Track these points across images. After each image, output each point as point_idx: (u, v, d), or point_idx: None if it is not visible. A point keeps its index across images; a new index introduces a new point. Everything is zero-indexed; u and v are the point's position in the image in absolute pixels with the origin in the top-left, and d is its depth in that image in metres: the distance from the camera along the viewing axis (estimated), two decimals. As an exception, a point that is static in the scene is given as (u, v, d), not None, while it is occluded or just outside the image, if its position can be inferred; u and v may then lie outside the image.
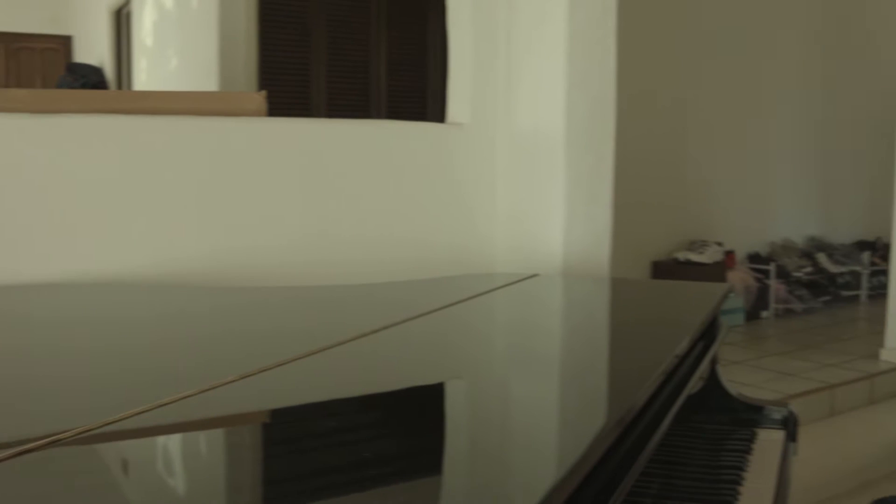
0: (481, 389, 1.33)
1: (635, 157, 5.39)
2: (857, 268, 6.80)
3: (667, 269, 5.64)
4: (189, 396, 1.12)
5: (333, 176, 2.50)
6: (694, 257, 5.57)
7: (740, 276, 5.84)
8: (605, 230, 2.65)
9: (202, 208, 2.29)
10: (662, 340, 1.53)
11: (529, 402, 1.24)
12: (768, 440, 1.85)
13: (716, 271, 5.60)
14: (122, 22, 7.82)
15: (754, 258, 6.33)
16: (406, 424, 1.14)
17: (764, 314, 6.06)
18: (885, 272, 5.19)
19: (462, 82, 2.74)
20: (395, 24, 4.72)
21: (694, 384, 1.70)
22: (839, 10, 6.99)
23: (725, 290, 1.93)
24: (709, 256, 5.60)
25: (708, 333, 1.83)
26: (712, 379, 1.92)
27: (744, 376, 4.36)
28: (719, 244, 5.81)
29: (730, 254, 5.92)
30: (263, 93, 2.44)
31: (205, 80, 5.07)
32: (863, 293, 6.83)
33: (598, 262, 2.62)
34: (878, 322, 5.02)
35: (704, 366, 1.71)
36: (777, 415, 1.93)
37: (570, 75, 2.54)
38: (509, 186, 2.70)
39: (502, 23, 2.73)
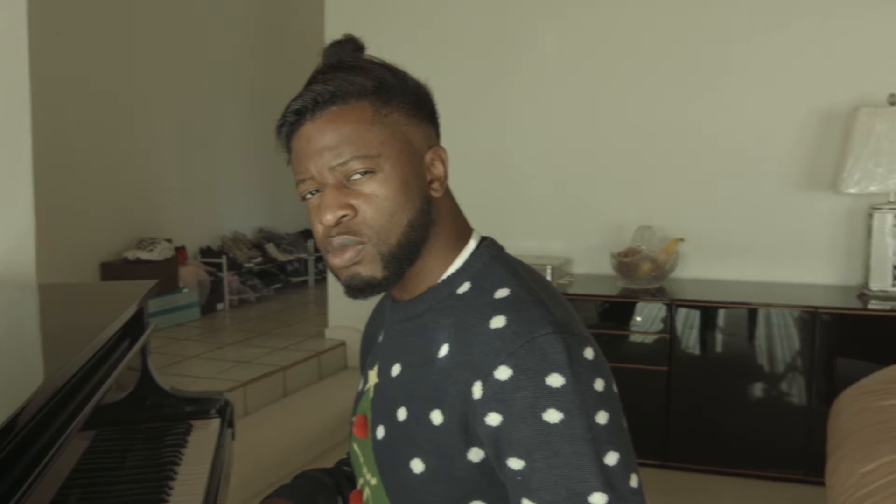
0: None
1: (73, 153, 5.15)
2: (304, 255, 7.23)
3: (116, 269, 5.45)
4: None
5: None
6: (143, 255, 5.47)
7: (193, 271, 5.88)
8: (28, 233, 2.45)
9: None
10: (79, 337, 1.45)
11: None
12: (205, 430, 1.86)
13: (167, 268, 5.56)
14: None
15: (206, 252, 6.41)
16: None
17: (220, 306, 6.17)
18: (327, 257, 5.55)
19: None
20: None
21: (124, 376, 1.65)
22: (273, 14, 7.33)
23: (151, 285, 1.90)
24: (158, 253, 5.54)
25: (137, 327, 1.79)
26: (147, 378, 1.88)
27: (201, 369, 4.40)
28: (169, 241, 5.77)
29: (180, 249, 5.91)
30: None
31: None
32: (310, 278, 7.29)
33: (22, 268, 2.42)
34: (323, 304, 5.39)
35: (132, 356, 1.66)
36: (214, 404, 1.94)
37: (-27, 65, 2.32)
38: None
39: None
